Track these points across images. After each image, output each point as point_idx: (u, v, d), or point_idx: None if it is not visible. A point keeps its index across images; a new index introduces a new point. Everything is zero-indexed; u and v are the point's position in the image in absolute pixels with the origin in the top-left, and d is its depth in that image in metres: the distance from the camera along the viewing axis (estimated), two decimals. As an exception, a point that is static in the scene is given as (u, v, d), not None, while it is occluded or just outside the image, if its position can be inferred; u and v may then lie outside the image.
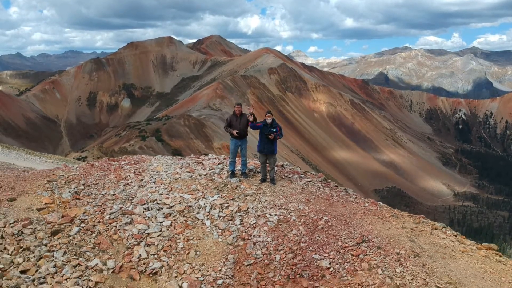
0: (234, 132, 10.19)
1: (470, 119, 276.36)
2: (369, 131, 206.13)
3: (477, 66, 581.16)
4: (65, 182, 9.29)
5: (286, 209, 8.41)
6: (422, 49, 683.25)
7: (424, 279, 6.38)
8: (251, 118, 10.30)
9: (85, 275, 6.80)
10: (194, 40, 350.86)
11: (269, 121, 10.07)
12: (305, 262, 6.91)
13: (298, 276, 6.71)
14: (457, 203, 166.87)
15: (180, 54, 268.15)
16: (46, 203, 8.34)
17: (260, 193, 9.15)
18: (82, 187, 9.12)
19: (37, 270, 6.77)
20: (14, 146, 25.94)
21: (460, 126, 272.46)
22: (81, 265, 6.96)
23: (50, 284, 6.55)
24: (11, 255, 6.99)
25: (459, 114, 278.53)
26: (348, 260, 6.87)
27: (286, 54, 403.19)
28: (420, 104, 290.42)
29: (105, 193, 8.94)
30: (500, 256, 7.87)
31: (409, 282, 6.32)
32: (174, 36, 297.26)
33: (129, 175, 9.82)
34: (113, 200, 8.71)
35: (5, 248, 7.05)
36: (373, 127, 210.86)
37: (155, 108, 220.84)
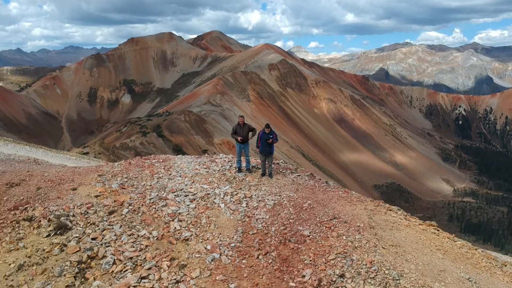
0: (239, 138, 12.79)
1: (470, 115, 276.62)
2: (369, 127, 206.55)
3: (477, 61, 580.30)
4: (111, 175, 11.82)
5: (280, 196, 11.03)
6: (423, 44, 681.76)
7: (375, 243, 9.09)
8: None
9: (137, 241, 9.33)
10: (195, 36, 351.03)
11: (267, 131, 12.69)
12: (292, 232, 9.61)
13: (287, 241, 9.39)
14: (457, 199, 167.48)
15: (181, 50, 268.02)
16: (100, 192, 10.95)
17: (260, 184, 11.77)
18: (126, 179, 11.63)
19: (103, 238, 9.32)
20: (33, 144, 27.22)
21: (460, 122, 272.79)
22: (134, 234, 9.48)
23: (114, 247, 9.10)
24: (82, 227, 9.60)
25: (459, 110, 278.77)
26: (323, 230, 9.56)
27: (286, 50, 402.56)
28: (420, 100, 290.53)
29: (144, 184, 11.47)
30: (438, 230, 10.70)
31: (364, 245, 9.03)
32: (174, 32, 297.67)
33: (160, 171, 12.35)
34: (150, 189, 11.24)
35: (77, 223, 9.68)
36: (373, 123, 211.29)
37: (155, 104, 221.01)
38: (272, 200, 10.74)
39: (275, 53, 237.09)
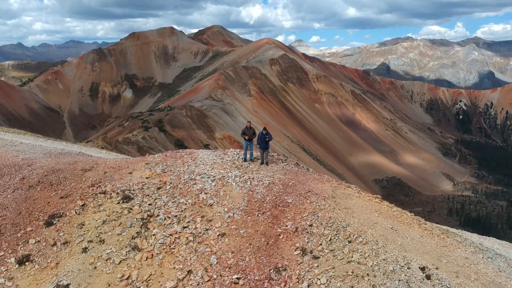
0: (246, 137, 16.84)
1: (471, 110, 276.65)
2: (369, 121, 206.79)
3: (479, 56, 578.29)
4: (155, 164, 15.77)
5: (273, 177, 15.14)
6: (424, 39, 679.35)
7: (333, 206, 13.27)
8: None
9: (179, 206, 13.50)
10: (196, 30, 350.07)
11: (264, 133, 16.76)
12: (280, 200, 13.72)
13: (277, 205, 13.49)
14: (456, 193, 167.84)
15: (182, 45, 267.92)
16: (149, 175, 14.96)
17: (260, 170, 15.92)
18: (165, 166, 15.60)
19: (155, 204, 13.49)
20: (67, 141, 30.52)
21: (461, 117, 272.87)
22: (176, 201, 13.65)
23: (163, 209, 13.28)
24: (140, 198, 13.69)
25: (459, 105, 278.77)
26: (300, 199, 13.66)
27: (288, 44, 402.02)
28: (421, 94, 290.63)
29: (179, 170, 15.44)
30: (381, 201, 15.19)
31: (326, 207, 13.15)
32: (175, 26, 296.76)
33: (188, 160, 16.34)
34: (183, 173, 15.24)
35: (136, 195, 13.77)
36: (373, 118, 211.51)
37: (157, 98, 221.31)
38: (267, 180, 14.88)
39: (276, 48, 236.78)
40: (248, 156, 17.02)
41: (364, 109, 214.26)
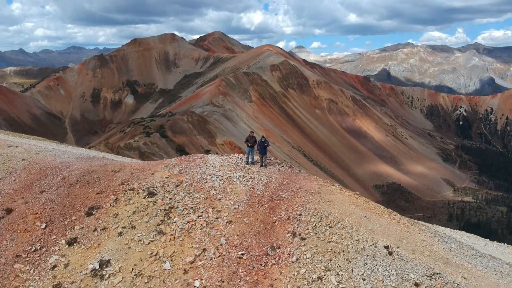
0: (249, 144, 19.78)
1: (471, 116, 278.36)
2: (370, 127, 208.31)
3: (479, 62, 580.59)
4: (172, 166, 18.49)
5: (270, 177, 17.77)
6: (425, 45, 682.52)
7: (319, 200, 15.81)
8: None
9: (194, 200, 16.04)
10: (197, 36, 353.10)
11: (263, 140, 19.63)
12: (276, 195, 16.20)
13: (273, 199, 15.93)
14: (456, 199, 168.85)
15: (183, 51, 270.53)
16: (168, 175, 17.54)
17: (259, 171, 18.60)
18: (181, 168, 18.36)
19: (175, 198, 15.99)
20: (84, 148, 32.89)
21: (461, 122, 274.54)
22: (191, 196, 16.32)
23: (181, 202, 15.83)
24: (162, 193, 16.16)
25: (459, 111, 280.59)
26: (292, 194, 16.16)
27: (289, 50, 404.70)
28: (421, 100, 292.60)
29: (192, 171, 18.02)
30: (359, 196, 18.29)
31: (313, 201, 15.65)
32: (176, 32, 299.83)
33: (200, 163, 19.07)
34: (196, 173, 17.81)
35: (159, 191, 16.27)
36: (374, 124, 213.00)
37: (158, 104, 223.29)
38: (266, 179, 17.58)
39: (276, 54, 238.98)
40: (250, 159, 19.73)
41: (365, 115, 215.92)
